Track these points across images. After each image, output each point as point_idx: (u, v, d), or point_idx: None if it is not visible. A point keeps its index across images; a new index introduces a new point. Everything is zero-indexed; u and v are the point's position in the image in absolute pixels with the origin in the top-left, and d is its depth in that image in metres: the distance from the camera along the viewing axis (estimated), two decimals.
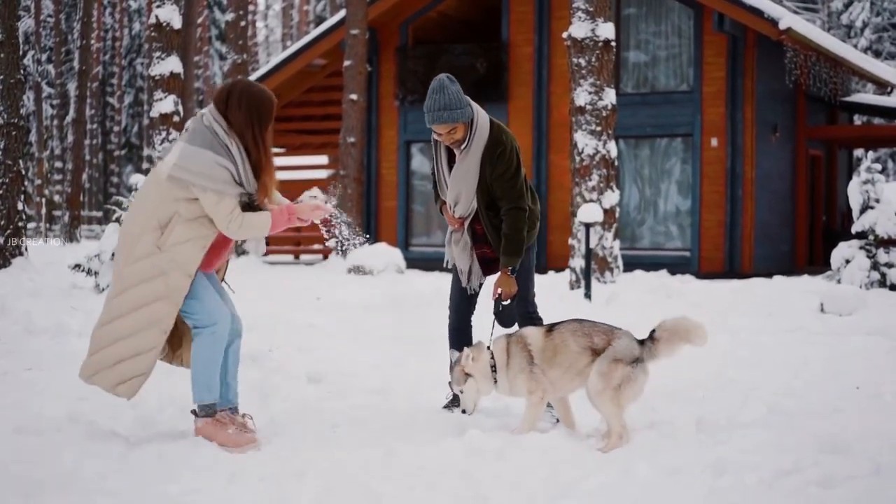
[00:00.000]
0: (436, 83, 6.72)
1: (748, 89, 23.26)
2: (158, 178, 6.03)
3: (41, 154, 50.61)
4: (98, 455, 5.68)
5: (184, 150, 6.01)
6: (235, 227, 6.01)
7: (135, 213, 6.09)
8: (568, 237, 17.20)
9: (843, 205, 27.46)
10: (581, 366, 6.31)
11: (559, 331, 6.43)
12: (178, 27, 17.12)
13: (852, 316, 12.63)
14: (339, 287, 17.47)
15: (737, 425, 6.45)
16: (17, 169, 17.64)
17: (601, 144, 16.49)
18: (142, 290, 5.96)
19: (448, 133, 6.74)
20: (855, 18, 42.11)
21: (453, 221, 7.05)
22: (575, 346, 6.33)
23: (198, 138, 6.04)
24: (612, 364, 6.19)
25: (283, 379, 7.93)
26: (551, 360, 6.36)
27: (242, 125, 6.09)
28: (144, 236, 5.99)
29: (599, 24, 16.48)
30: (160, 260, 5.96)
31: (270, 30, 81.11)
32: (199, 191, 5.94)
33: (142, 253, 5.98)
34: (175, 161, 5.99)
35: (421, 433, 6.38)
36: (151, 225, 5.99)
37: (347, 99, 25.73)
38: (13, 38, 17.60)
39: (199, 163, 5.95)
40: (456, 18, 27.75)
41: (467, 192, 6.89)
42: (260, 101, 6.14)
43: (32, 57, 49.10)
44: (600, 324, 6.47)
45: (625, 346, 6.26)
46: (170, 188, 5.98)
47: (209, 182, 5.93)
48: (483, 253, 7.08)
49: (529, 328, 6.63)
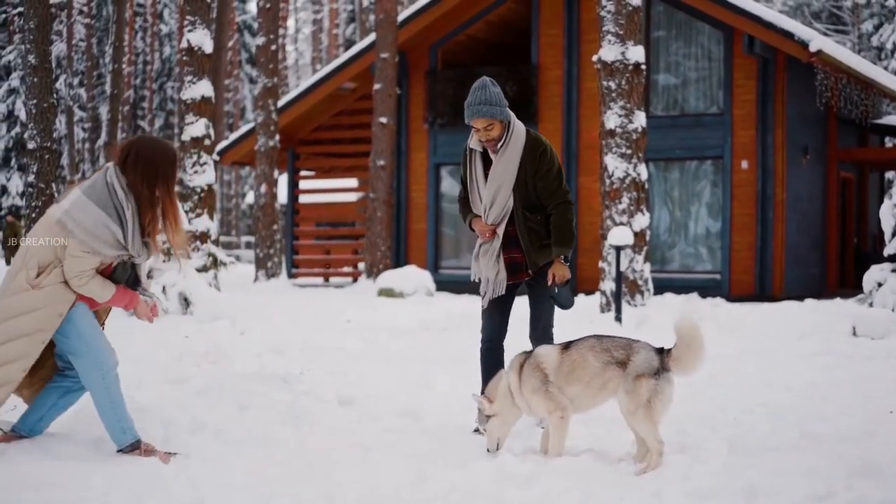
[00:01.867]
0: (479, 82, 7.00)
1: (778, 112, 23.20)
2: (50, 220, 6.04)
3: (73, 177, 50.91)
4: (129, 477, 5.70)
5: (78, 199, 6.00)
6: (77, 283, 5.99)
7: (21, 250, 6.08)
8: (598, 260, 17.18)
9: (875, 227, 27.28)
10: (603, 381, 6.29)
11: (577, 347, 6.42)
12: (210, 51, 17.23)
13: (885, 339, 12.56)
14: (369, 310, 17.50)
15: (768, 449, 6.43)
16: (50, 192, 17.77)
17: (631, 167, 16.48)
18: (14, 324, 5.94)
19: (485, 129, 6.99)
20: (885, 40, 41.92)
21: (485, 231, 7.17)
22: (595, 362, 6.31)
23: (94, 193, 6.02)
24: (636, 381, 6.16)
25: (314, 402, 7.94)
26: (568, 377, 6.34)
27: (137, 184, 6.07)
28: (21, 273, 5.98)
29: (629, 47, 16.49)
30: (31, 297, 5.95)
31: (300, 53, 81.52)
32: (74, 241, 5.92)
33: (16, 288, 5.98)
34: (67, 208, 5.99)
35: (452, 456, 6.38)
36: (30, 263, 5.99)
37: (377, 122, 25.82)
38: (46, 63, 17.76)
39: (86, 217, 5.94)
40: (485, 42, 27.81)
41: (504, 191, 7.07)
42: (152, 157, 6.10)
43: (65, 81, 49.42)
44: (618, 338, 6.48)
45: (644, 360, 6.22)
46: (56, 232, 5.98)
47: (88, 238, 5.93)
48: (512, 258, 7.21)
49: (543, 347, 6.64)
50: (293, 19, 77.56)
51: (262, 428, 6.95)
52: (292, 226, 29.66)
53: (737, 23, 22.77)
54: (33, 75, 17.63)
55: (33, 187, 17.66)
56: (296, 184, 29.88)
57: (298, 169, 29.95)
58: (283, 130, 28.10)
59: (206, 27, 17.36)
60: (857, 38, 44.22)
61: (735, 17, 22.71)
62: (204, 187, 16.63)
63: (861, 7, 44.61)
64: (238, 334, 12.96)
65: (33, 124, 17.65)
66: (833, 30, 45.64)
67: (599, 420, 6.59)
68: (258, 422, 7.13)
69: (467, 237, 25.71)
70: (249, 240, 58.85)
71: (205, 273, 16.40)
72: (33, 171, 17.67)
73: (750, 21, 22.49)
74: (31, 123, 17.72)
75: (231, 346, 11.17)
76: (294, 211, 29.76)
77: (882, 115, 28.20)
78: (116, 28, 41.55)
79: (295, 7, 76.98)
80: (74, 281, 5.98)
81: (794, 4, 48.99)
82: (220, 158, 29.26)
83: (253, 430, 6.84)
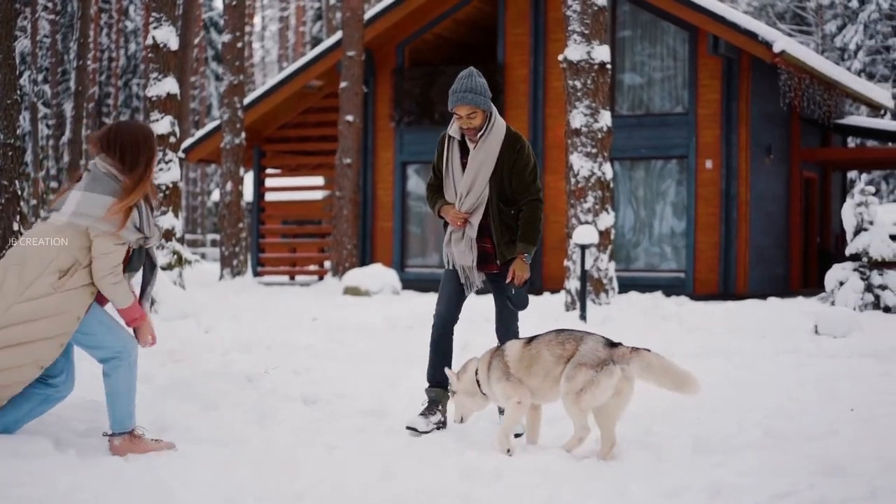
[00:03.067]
0: (465, 71, 7.23)
1: (743, 112, 23.34)
2: (54, 226, 6.09)
3: (37, 174, 50.57)
4: (93, 475, 5.69)
5: (83, 197, 6.08)
6: (112, 280, 6.11)
7: (27, 254, 6.09)
8: (563, 259, 17.22)
9: (837, 227, 27.48)
10: (557, 374, 6.50)
11: (536, 342, 6.66)
12: (175, 48, 17.13)
13: (846, 338, 12.65)
14: (335, 308, 17.48)
15: (732, 448, 6.47)
16: (14, 189, 17.58)
17: (597, 166, 16.53)
18: (29, 328, 6.02)
19: (468, 116, 7.14)
20: (849, 41, 42.24)
21: (457, 218, 7.26)
22: (549, 356, 6.53)
23: (99, 185, 6.12)
24: (576, 368, 6.37)
25: (280, 401, 7.94)
26: (528, 370, 6.58)
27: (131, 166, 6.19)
28: (43, 278, 6.03)
29: (595, 46, 16.55)
30: (50, 302, 6.03)
31: (267, 51, 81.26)
32: (102, 238, 6.04)
33: (36, 293, 6.02)
34: (73, 210, 6.06)
35: (418, 454, 6.39)
36: (50, 269, 6.04)
37: (343, 120, 25.79)
38: (10, 59, 17.52)
39: (102, 208, 6.04)
40: (452, 40, 27.84)
41: (481, 180, 7.20)
42: (137, 139, 6.25)
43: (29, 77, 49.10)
44: (576, 332, 6.67)
45: (589, 350, 6.42)
46: (72, 237, 6.06)
47: (112, 228, 6.04)
48: (483, 247, 7.32)
49: (511, 341, 6.86)
50: (260, 16, 77.29)
51: (228, 427, 6.94)
52: (258, 224, 29.59)
53: (701, 23, 22.89)
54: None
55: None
56: (262, 181, 29.82)
57: (264, 167, 29.88)
58: (249, 128, 28.02)
59: (171, 24, 17.25)
60: (820, 39, 44.51)
61: (700, 17, 22.84)
62: (169, 185, 16.53)
63: (825, 8, 44.90)
64: (203, 332, 12.92)
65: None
66: (797, 30, 45.91)
67: (565, 419, 6.62)
68: (224, 421, 7.12)
69: (434, 236, 25.74)
70: (215, 237, 58.63)
71: (170, 271, 16.31)
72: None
73: (714, 21, 22.62)
74: None
75: (196, 344, 11.13)
76: (260, 209, 29.70)
77: (845, 116, 28.40)
78: (81, 24, 41.22)
79: (262, 4, 76.73)
80: (109, 278, 6.08)
81: (758, 5, 49.25)
82: (186, 156, 29.13)
83: (219, 429, 6.83)
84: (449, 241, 7.41)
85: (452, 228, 7.36)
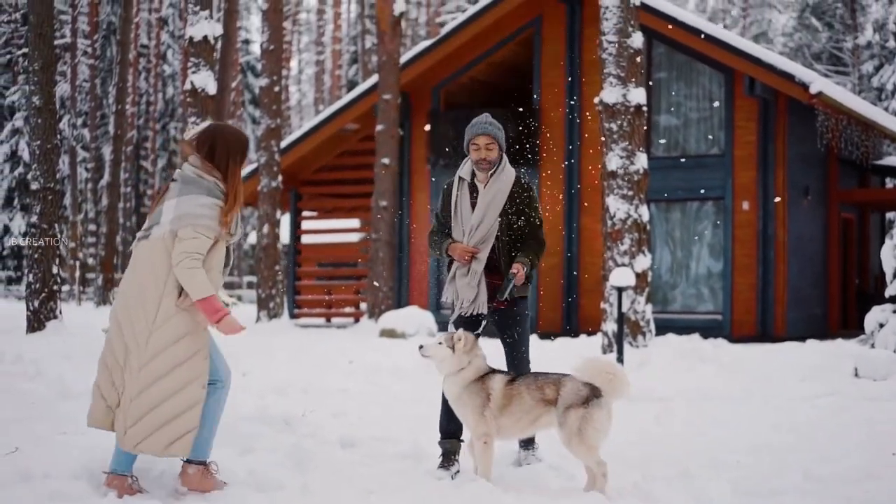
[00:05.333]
0: (483, 115, 7.46)
1: (779, 153, 23.27)
2: (164, 244, 6.11)
3: (75, 217, 51.01)
4: None
5: (179, 202, 6.16)
6: (189, 265, 6.05)
7: (143, 282, 6.12)
8: (600, 301, 17.17)
9: (876, 268, 27.30)
10: (533, 417, 6.69)
11: (518, 382, 6.81)
12: (213, 93, 17.31)
13: (887, 381, 12.54)
14: (372, 351, 17.48)
15: (772, 492, 6.42)
16: (52, 232, 17.80)
17: (633, 209, 16.51)
18: (176, 350, 6.07)
19: (486, 147, 7.34)
20: (886, 81, 42.09)
21: (465, 254, 7.39)
22: (529, 399, 6.69)
23: (192, 188, 6.21)
24: (565, 413, 6.52)
25: (317, 444, 7.94)
26: (505, 408, 6.74)
27: (223, 167, 6.31)
28: (165, 299, 6.08)
29: (631, 88, 16.56)
30: (180, 322, 6.10)
31: (303, 94, 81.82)
32: (188, 228, 6.07)
33: (166, 315, 6.07)
34: (172, 217, 6.12)
35: (455, 499, 6.37)
36: (168, 289, 6.09)
37: (379, 163, 25.88)
38: (51, 105, 17.81)
39: (199, 207, 6.12)
40: (487, 83, 27.94)
41: (491, 215, 7.37)
42: (233, 140, 6.38)
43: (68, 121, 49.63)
44: (552, 374, 6.80)
45: (570, 391, 6.57)
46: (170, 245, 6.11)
47: (208, 222, 6.11)
48: (491, 283, 7.45)
49: (499, 375, 6.95)
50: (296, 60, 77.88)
51: (265, 470, 6.93)
52: (294, 266, 29.68)
53: (737, 65, 22.88)
54: (37, 116, 17.68)
55: (36, 227, 17.67)
56: (298, 224, 29.93)
57: (301, 209, 30.00)
58: (285, 171, 28.17)
59: (209, 69, 17.43)
60: (857, 80, 44.40)
61: (735, 59, 22.83)
62: None
63: (861, 48, 44.82)
64: (240, 375, 12.94)
65: (37, 165, 17.68)
66: (833, 71, 45.83)
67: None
68: (260, 464, 7.12)
69: None
70: (252, 280, 58.83)
71: None
72: (36, 212, 17.69)
73: (750, 63, 22.61)
74: (35, 164, 17.75)
75: (233, 386, 11.13)
76: (296, 251, 29.80)
77: (883, 156, 28.28)
78: (120, 69, 41.73)
79: (298, 48, 77.33)
80: (186, 262, 6.04)
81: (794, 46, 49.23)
82: None
83: (255, 473, 6.82)
84: (453, 277, 7.54)
85: (458, 265, 7.48)
